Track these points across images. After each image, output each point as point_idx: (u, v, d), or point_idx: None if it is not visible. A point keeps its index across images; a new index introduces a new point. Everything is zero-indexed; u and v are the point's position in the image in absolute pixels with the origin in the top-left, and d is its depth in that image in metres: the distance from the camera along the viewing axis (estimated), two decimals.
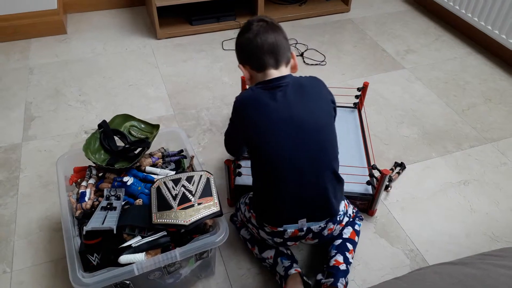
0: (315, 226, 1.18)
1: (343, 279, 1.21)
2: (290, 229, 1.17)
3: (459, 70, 2.23)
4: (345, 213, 1.27)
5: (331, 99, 1.22)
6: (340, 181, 1.21)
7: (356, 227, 1.35)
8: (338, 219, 1.21)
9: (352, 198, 1.43)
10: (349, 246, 1.29)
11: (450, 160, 1.71)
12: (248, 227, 1.32)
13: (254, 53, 1.18)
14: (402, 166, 1.66)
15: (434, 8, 2.68)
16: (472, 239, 1.43)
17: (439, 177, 1.64)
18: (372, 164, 1.50)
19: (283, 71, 1.19)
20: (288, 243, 1.22)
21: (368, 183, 1.46)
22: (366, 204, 1.47)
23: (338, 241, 1.30)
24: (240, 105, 1.18)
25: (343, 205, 1.24)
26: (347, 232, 1.32)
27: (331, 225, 1.20)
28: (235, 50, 1.26)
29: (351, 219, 1.35)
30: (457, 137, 1.82)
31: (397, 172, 1.64)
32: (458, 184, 1.62)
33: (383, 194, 1.56)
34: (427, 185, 1.61)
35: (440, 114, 1.94)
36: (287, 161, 1.13)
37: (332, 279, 1.20)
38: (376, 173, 1.47)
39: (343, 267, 1.23)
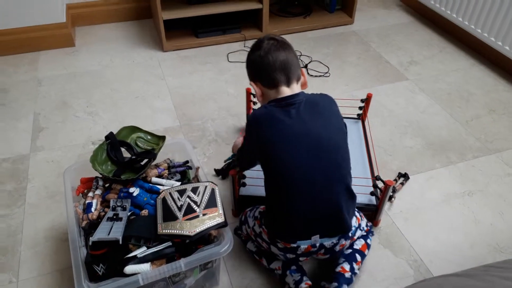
0: (327, 242, 1.19)
1: (346, 286, 1.21)
2: (304, 245, 1.17)
3: (462, 81, 2.23)
4: (358, 227, 1.27)
5: (341, 116, 1.24)
6: (352, 196, 1.22)
7: (368, 240, 1.35)
8: (349, 234, 1.22)
9: (356, 209, 1.43)
10: (358, 257, 1.29)
11: (454, 171, 1.72)
12: (256, 241, 1.32)
13: (265, 70, 1.19)
14: (405, 176, 1.66)
15: (437, 20, 2.69)
16: (477, 250, 1.43)
17: (443, 188, 1.64)
18: (375, 175, 1.51)
19: (295, 88, 1.20)
20: (301, 258, 1.23)
21: (372, 193, 1.46)
22: (370, 215, 1.47)
23: (348, 251, 1.30)
24: (254, 122, 1.19)
25: (355, 219, 1.25)
26: (359, 244, 1.32)
27: (343, 241, 1.21)
28: (246, 68, 1.28)
29: (364, 233, 1.35)
30: (461, 148, 1.82)
31: (400, 183, 1.64)
32: (462, 194, 1.62)
33: (387, 204, 1.57)
34: (431, 196, 1.61)
35: (444, 125, 1.95)
36: (302, 177, 1.13)
37: (336, 284, 1.20)
38: (380, 184, 1.48)
39: (348, 275, 1.24)
